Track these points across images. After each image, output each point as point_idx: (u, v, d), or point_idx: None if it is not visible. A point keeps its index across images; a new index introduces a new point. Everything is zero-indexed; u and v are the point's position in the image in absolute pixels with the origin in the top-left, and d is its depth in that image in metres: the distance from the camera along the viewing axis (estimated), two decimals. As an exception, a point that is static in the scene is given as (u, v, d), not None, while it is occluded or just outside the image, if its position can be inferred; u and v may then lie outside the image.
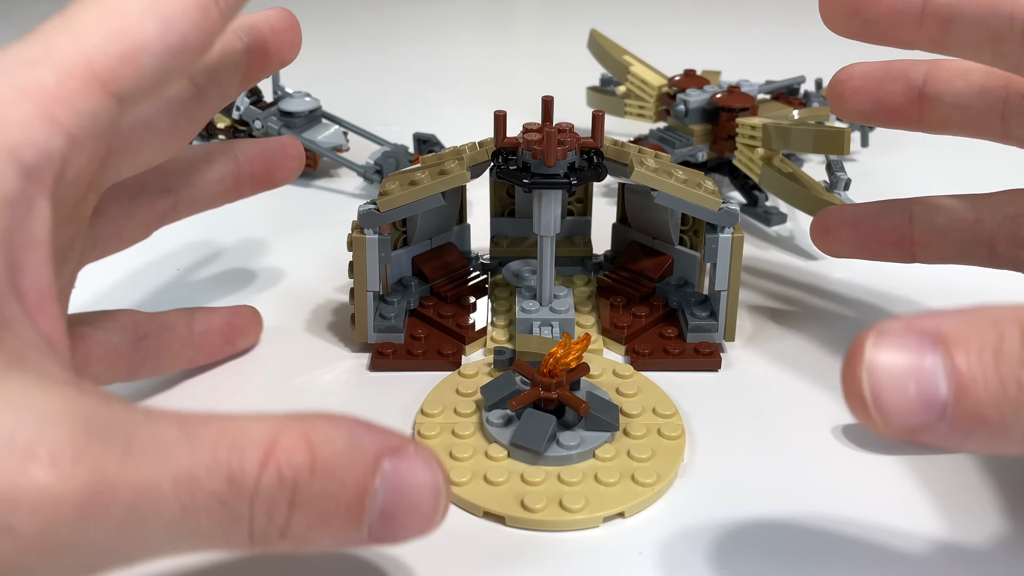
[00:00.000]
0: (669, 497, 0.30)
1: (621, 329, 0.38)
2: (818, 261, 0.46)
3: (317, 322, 0.40)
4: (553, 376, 0.31)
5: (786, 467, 0.31)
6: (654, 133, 0.54)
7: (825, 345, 0.38)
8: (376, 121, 0.60)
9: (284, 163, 0.34)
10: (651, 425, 0.32)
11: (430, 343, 0.38)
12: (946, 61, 0.31)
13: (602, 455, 0.31)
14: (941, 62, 0.32)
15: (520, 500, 0.29)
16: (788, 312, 0.41)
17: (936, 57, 0.29)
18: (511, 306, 0.40)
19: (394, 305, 0.38)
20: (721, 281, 0.37)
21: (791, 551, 0.28)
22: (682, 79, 0.54)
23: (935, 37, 0.28)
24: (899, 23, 0.28)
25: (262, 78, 0.32)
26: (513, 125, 0.35)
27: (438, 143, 0.56)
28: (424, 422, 0.33)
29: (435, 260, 0.41)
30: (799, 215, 0.51)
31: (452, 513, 0.29)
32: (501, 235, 0.43)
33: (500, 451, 0.31)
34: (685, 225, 0.40)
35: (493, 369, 0.36)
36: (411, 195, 0.36)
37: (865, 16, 0.28)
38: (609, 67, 0.60)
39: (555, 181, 0.35)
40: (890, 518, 0.29)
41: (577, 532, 0.29)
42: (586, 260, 0.43)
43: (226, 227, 0.49)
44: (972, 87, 0.31)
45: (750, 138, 0.48)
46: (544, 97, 0.35)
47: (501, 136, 0.35)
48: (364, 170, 0.54)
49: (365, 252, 0.36)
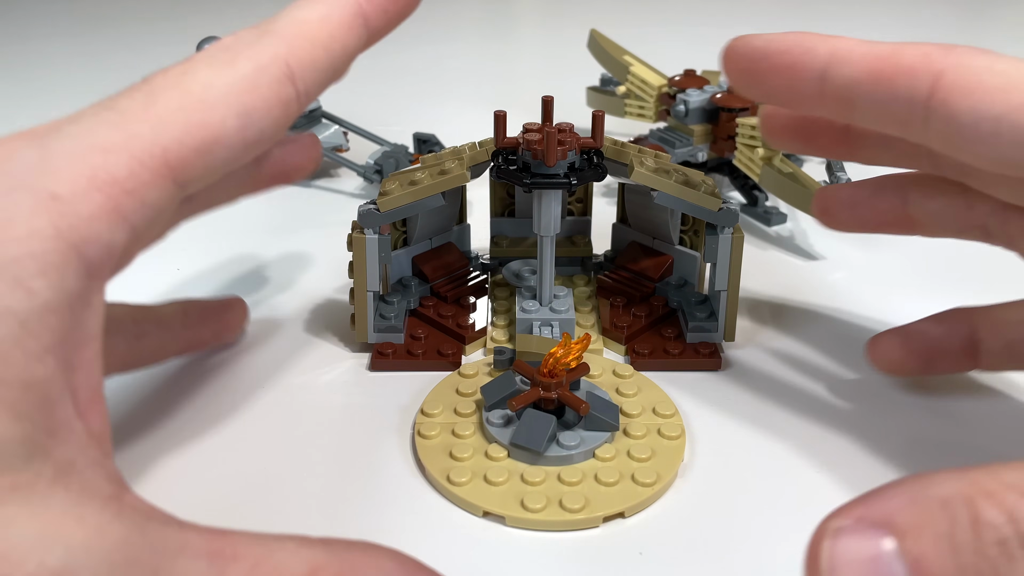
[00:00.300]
0: (669, 497, 0.30)
1: (621, 329, 0.38)
2: (818, 261, 0.46)
3: (317, 322, 0.40)
4: (553, 376, 0.31)
5: (786, 467, 0.31)
6: (654, 133, 0.54)
7: (825, 345, 0.38)
8: (376, 121, 0.60)
9: (303, 162, 0.33)
10: (651, 425, 0.32)
11: (430, 343, 0.38)
12: None
13: (602, 455, 0.31)
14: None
15: (520, 500, 0.29)
16: (788, 312, 0.41)
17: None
18: (511, 306, 0.40)
19: (394, 305, 0.38)
20: (721, 281, 0.37)
21: (791, 551, 0.28)
22: (682, 79, 0.54)
23: (841, 114, 0.27)
24: (797, 99, 0.27)
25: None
26: (513, 125, 0.35)
27: (438, 143, 0.56)
28: (424, 422, 0.33)
29: (435, 260, 0.41)
30: (799, 215, 0.51)
31: (452, 513, 0.29)
32: (501, 235, 0.43)
33: (500, 451, 0.31)
34: (685, 225, 0.40)
35: (493, 369, 0.36)
36: (411, 195, 0.36)
37: (764, 87, 0.28)
38: (609, 67, 0.60)
39: (555, 181, 0.35)
40: (890, 518, 0.29)
41: (577, 532, 0.29)
42: (586, 260, 0.43)
43: (226, 227, 0.49)
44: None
45: (750, 138, 0.48)
46: (544, 97, 0.35)
47: (501, 136, 0.35)
48: (364, 170, 0.54)
49: (365, 252, 0.36)
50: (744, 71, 0.28)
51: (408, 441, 0.32)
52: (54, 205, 0.20)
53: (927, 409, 0.34)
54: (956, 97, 0.24)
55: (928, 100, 0.25)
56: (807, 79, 0.27)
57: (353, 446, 0.32)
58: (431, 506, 0.30)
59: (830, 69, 0.26)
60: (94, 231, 0.20)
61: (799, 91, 0.27)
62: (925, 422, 0.34)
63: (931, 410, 0.34)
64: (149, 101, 0.22)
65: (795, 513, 0.29)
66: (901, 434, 0.33)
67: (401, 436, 0.33)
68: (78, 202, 0.20)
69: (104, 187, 0.21)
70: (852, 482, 0.31)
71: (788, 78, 0.27)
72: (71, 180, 0.20)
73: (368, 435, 0.33)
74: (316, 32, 0.25)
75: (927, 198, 0.32)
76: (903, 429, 0.33)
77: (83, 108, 0.22)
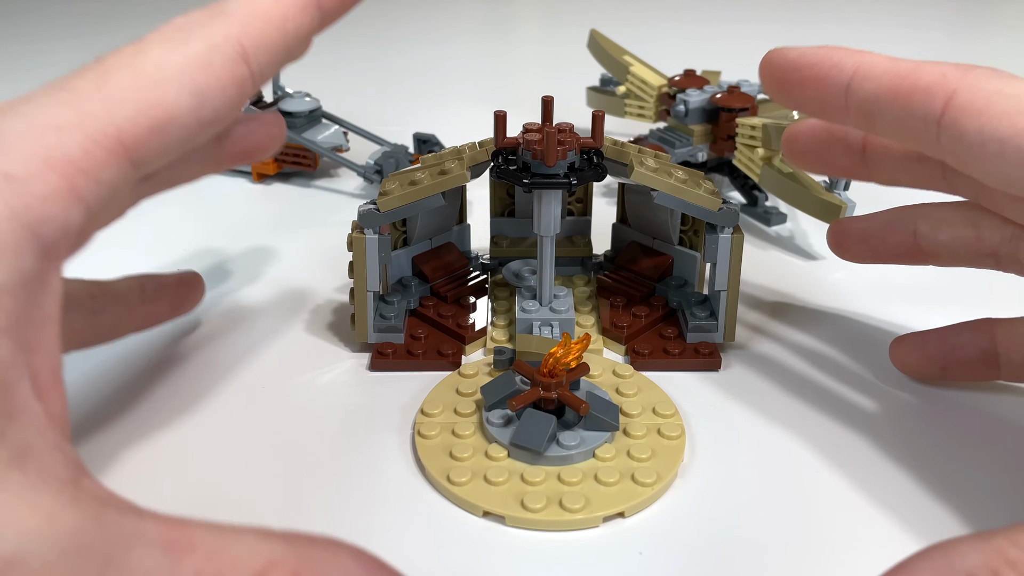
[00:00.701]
0: (669, 497, 0.30)
1: (621, 329, 0.38)
2: (818, 261, 0.46)
3: (317, 322, 0.40)
4: (553, 376, 0.31)
5: (786, 467, 0.31)
6: (654, 133, 0.54)
7: (825, 345, 0.38)
8: (376, 121, 0.60)
9: (265, 140, 0.33)
10: (651, 425, 0.32)
11: (430, 343, 0.38)
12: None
13: (602, 455, 0.31)
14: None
15: (520, 500, 0.29)
16: (788, 312, 0.41)
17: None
18: (511, 306, 0.40)
19: (394, 305, 0.38)
20: (721, 281, 0.37)
21: (791, 551, 0.28)
22: (682, 79, 0.54)
23: (863, 125, 0.28)
24: (824, 110, 0.29)
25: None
26: (513, 125, 0.35)
27: (438, 143, 0.56)
28: (424, 422, 0.33)
29: (435, 260, 0.41)
30: (799, 215, 0.51)
31: (452, 513, 0.29)
32: (501, 235, 0.43)
33: (500, 451, 0.31)
34: (685, 225, 0.40)
35: (493, 369, 0.36)
36: (411, 195, 0.36)
37: (795, 97, 0.29)
38: (609, 67, 0.60)
39: (555, 181, 0.35)
40: (890, 519, 0.29)
41: (577, 532, 0.29)
42: (586, 260, 0.43)
43: (226, 227, 0.49)
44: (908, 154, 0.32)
45: (750, 138, 0.48)
46: (544, 97, 0.35)
47: (501, 136, 0.35)
48: (364, 170, 0.54)
49: (365, 252, 0.36)
50: (778, 82, 0.29)
51: (408, 441, 0.32)
52: (7, 185, 0.20)
53: (927, 409, 0.34)
54: (965, 117, 0.25)
55: (941, 118, 0.26)
56: (833, 92, 0.28)
57: (353, 446, 0.32)
58: (431, 506, 0.30)
59: (854, 83, 0.27)
60: (49, 211, 0.20)
61: (826, 103, 0.28)
62: (924, 421, 0.34)
63: (931, 410, 0.34)
64: (102, 80, 0.22)
65: (795, 513, 0.29)
66: (901, 433, 0.33)
67: (401, 436, 0.33)
68: (32, 182, 0.20)
69: (58, 166, 0.20)
70: (852, 482, 0.31)
71: (816, 90, 0.28)
72: (25, 160, 0.20)
73: (368, 435, 0.33)
74: (269, 12, 0.25)
75: (936, 231, 0.33)
76: (903, 429, 0.33)
77: (36, 89, 0.22)
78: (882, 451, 0.32)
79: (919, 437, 0.33)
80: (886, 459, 0.32)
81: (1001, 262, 0.32)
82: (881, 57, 0.27)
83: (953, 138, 0.26)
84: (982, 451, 0.32)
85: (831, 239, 0.36)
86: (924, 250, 0.34)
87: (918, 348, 0.35)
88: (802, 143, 0.33)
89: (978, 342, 0.34)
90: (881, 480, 0.31)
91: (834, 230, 0.36)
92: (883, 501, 0.30)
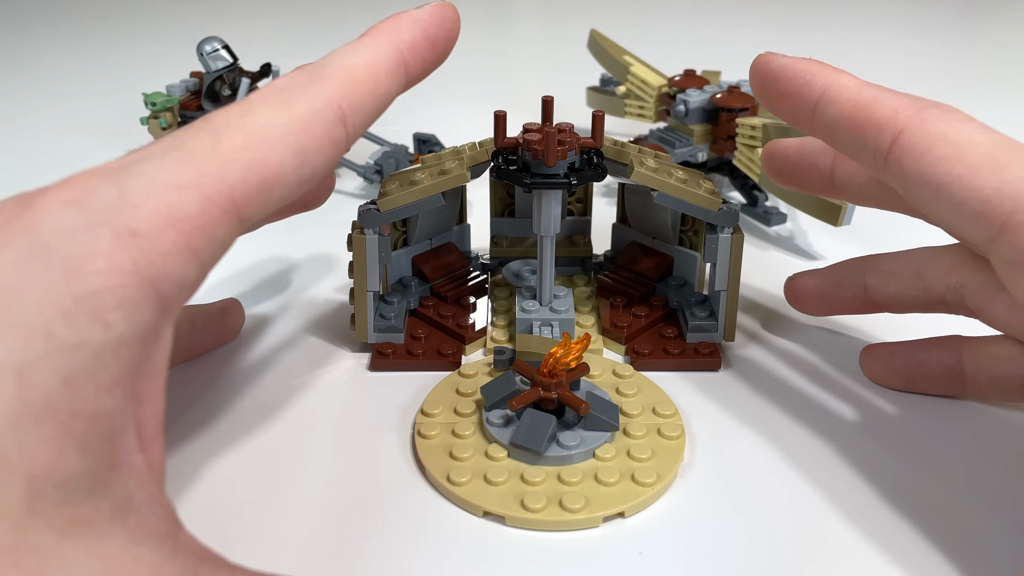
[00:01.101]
0: (669, 497, 0.30)
1: (621, 329, 0.38)
2: (818, 261, 0.46)
3: (317, 322, 0.40)
4: (553, 376, 0.31)
5: (786, 467, 0.31)
6: (654, 133, 0.54)
7: (824, 345, 0.39)
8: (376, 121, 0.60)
9: (320, 192, 0.34)
10: (651, 425, 0.32)
11: (430, 343, 0.38)
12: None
13: (602, 455, 0.31)
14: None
15: (520, 500, 0.29)
16: (788, 312, 0.41)
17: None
18: (511, 306, 0.40)
19: (394, 305, 0.38)
20: (721, 281, 0.37)
21: (791, 551, 0.28)
22: (682, 79, 0.54)
23: (829, 143, 0.29)
24: (797, 122, 0.30)
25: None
26: (513, 125, 0.35)
27: (438, 143, 0.56)
28: (424, 422, 0.33)
29: (435, 260, 0.41)
30: (799, 215, 0.51)
31: (452, 513, 0.29)
32: (501, 235, 0.43)
33: (500, 451, 0.31)
34: (685, 225, 0.40)
35: (493, 369, 0.36)
36: (411, 195, 0.36)
37: (773, 106, 0.30)
38: (609, 67, 0.60)
39: (555, 181, 0.35)
40: (890, 518, 0.29)
41: (577, 532, 0.29)
42: (586, 260, 0.43)
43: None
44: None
45: (750, 138, 0.48)
46: (544, 97, 0.35)
47: (501, 136, 0.35)
48: (364, 170, 0.54)
49: (365, 252, 0.36)
50: (760, 88, 0.31)
51: (408, 441, 0.32)
52: (133, 241, 0.20)
53: (926, 409, 0.34)
54: (908, 158, 0.26)
55: (887, 155, 0.27)
56: (803, 108, 0.29)
57: (353, 446, 0.32)
58: (431, 506, 0.30)
59: (820, 105, 0.29)
60: (169, 267, 0.21)
61: (797, 117, 0.30)
62: (924, 422, 0.34)
63: (930, 410, 0.34)
64: (215, 140, 0.23)
65: (795, 513, 0.29)
66: (899, 434, 0.33)
67: (401, 436, 0.33)
68: (155, 239, 0.21)
69: (178, 224, 0.21)
70: (851, 482, 0.31)
71: (789, 104, 0.30)
72: (148, 217, 0.21)
73: (368, 435, 0.33)
74: (364, 77, 0.26)
75: (885, 285, 0.35)
76: (902, 429, 0.33)
77: (147, 146, 0.23)
78: (882, 451, 0.32)
79: (920, 437, 0.33)
80: (886, 459, 0.32)
81: (951, 308, 0.34)
82: (851, 81, 0.28)
83: (896, 175, 0.27)
84: (990, 455, 0.32)
85: (788, 295, 0.38)
86: (876, 302, 0.36)
87: (885, 359, 0.36)
88: (778, 163, 0.35)
89: (944, 359, 0.34)
90: (881, 480, 0.31)
91: (790, 287, 0.38)
92: (883, 501, 0.30)
